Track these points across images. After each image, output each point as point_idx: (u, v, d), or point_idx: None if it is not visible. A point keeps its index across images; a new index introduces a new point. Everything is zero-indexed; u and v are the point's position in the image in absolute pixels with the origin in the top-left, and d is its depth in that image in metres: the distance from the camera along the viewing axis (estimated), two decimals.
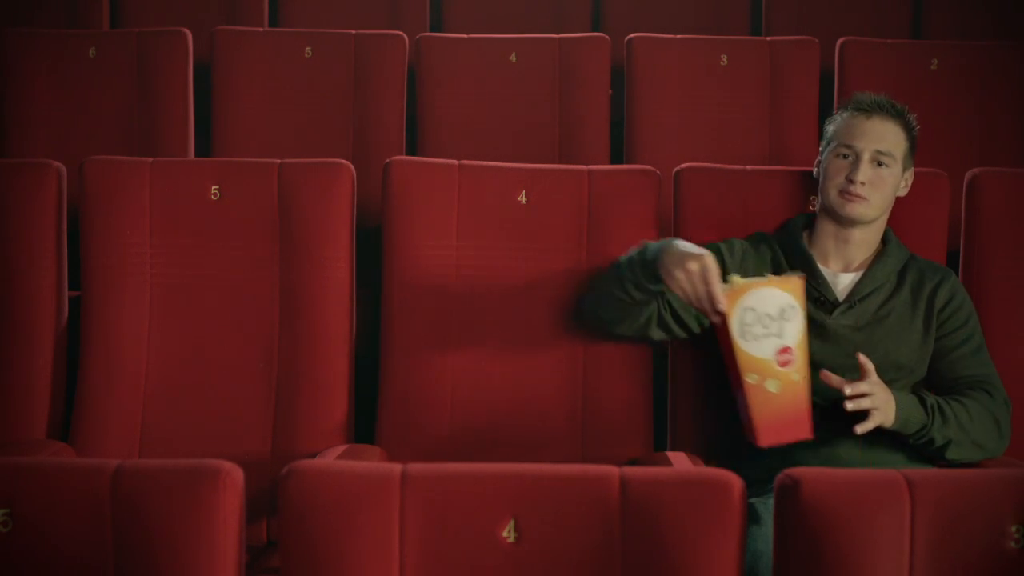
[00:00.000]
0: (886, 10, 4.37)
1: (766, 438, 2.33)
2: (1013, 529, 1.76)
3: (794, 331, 2.33)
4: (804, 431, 2.35)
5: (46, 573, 1.76)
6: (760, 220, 2.76)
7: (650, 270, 2.41)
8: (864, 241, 2.62)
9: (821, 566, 1.74)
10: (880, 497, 1.76)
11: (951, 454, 2.50)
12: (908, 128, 2.62)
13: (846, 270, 2.63)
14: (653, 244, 2.45)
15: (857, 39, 3.85)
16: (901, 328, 2.58)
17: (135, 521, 1.75)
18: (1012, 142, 3.74)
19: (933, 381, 2.61)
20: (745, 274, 2.53)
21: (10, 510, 1.75)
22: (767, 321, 2.31)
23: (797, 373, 2.33)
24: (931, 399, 2.49)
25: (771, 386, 2.31)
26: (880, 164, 2.58)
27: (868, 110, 2.60)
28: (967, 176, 2.88)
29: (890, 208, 2.63)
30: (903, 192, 2.64)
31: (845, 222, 2.61)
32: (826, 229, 2.64)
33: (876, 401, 2.39)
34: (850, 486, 1.77)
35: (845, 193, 2.58)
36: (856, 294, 2.58)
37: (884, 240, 2.66)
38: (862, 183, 2.56)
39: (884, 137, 2.59)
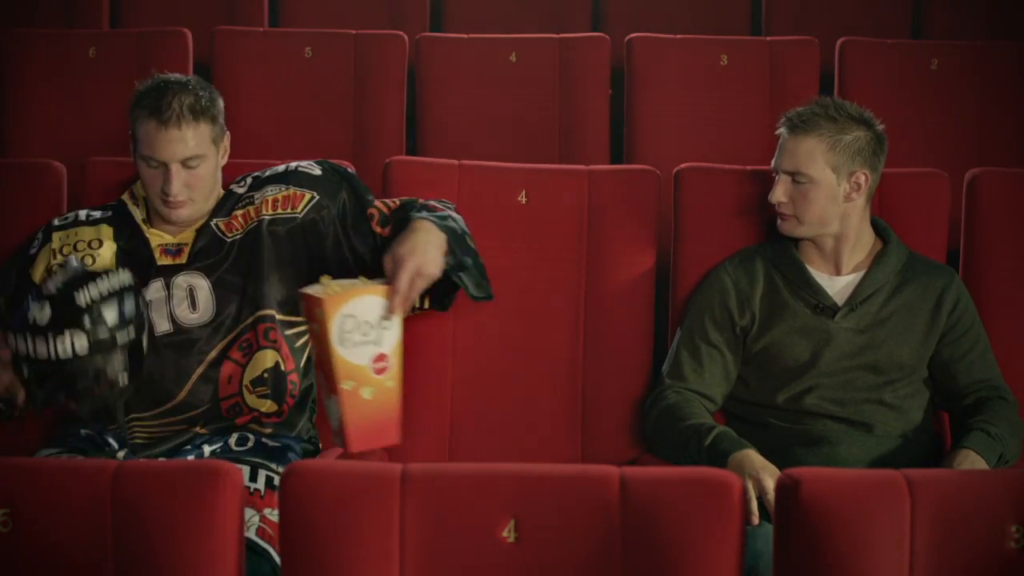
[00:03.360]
0: (886, 10, 4.37)
1: (357, 444, 2.27)
2: (1013, 529, 1.76)
3: (391, 338, 2.28)
4: (392, 437, 2.31)
5: (46, 573, 1.76)
6: (760, 220, 2.75)
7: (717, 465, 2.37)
8: (846, 244, 2.59)
9: (821, 566, 1.74)
10: (880, 497, 1.76)
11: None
12: (835, 133, 2.52)
13: (840, 272, 2.60)
14: (723, 448, 2.42)
15: (857, 39, 3.84)
16: (903, 328, 2.57)
17: (135, 521, 1.75)
18: (1012, 142, 3.74)
19: (944, 385, 2.61)
20: (741, 303, 2.58)
21: (10, 510, 1.75)
22: (366, 328, 2.26)
23: (391, 380, 2.29)
24: (992, 429, 2.49)
25: (366, 393, 2.26)
26: (795, 182, 2.55)
27: (785, 127, 2.58)
28: (967, 176, 2.88)
29: (854, 213, 2.56)
30: (857, 194, 2.55)
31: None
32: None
33: None
34: (850, 486, 1.77)
35: (775, 210, 2.61)
36: (857, 296, 2.57)
37: (884, 239, 2.65)
38: (780, 202, 2.57)
39: (794, 155, 2.54)
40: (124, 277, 2.29)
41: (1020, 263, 2.81)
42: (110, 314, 2.25)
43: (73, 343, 2.22)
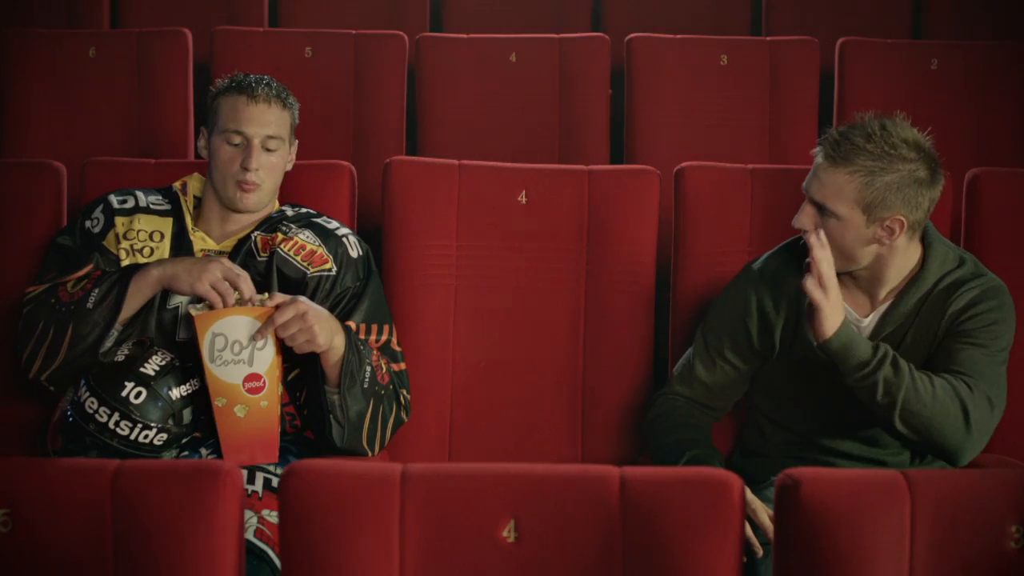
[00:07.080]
0: (886, 10, 4.37)
1: (232, 458, 2.33)
2: (1013, 529, 1.76)
3: (265, 359, 2.33)
4: (270, 455, 2.37)
5: (46, 573, 1.76)
6: (760, 219, 2.75)
7: None
8: (881, 280, 2.40)
9: (821, 566, 1.74)
10: (880, 497, 1.76)
11: (901, 423, 2.27)
12: (872, 171, 2.28)
13: (873, 307, 2.42)
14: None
15: (857, 39, 3.85)
16: (918, 357, 2.38)
17: (135, 521, 1.75)
18: (1012, 142, 3.74)
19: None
20: (761, 329, 2.48)
21: (10, 510, 1.75)
22: (237, 348, 2.32)
23: (266, 400, 2.34)
24: (890, 349, 2.30)
25: (239, 411, 2.33)
26: (823, 211, 2.33)
27: (822, 152, 2.34)
28: (967, 176, 2.88)
29: (889, 255, 2.36)
30: (890, 239, 2.33)
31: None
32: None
33: (822, 301, 2.24)
34: (850, 486, 1.77)
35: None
36: (873, 338, 2.39)
37: (925, 256, 2.41)
38: (804, 230, 2.34)
39: (823, 186, 2.32)
40: (198, 381, 2.37)
41: (1020, 263, 2.81)
42: (188, 415, 2.36)
43: (154, 437, 2.32)
